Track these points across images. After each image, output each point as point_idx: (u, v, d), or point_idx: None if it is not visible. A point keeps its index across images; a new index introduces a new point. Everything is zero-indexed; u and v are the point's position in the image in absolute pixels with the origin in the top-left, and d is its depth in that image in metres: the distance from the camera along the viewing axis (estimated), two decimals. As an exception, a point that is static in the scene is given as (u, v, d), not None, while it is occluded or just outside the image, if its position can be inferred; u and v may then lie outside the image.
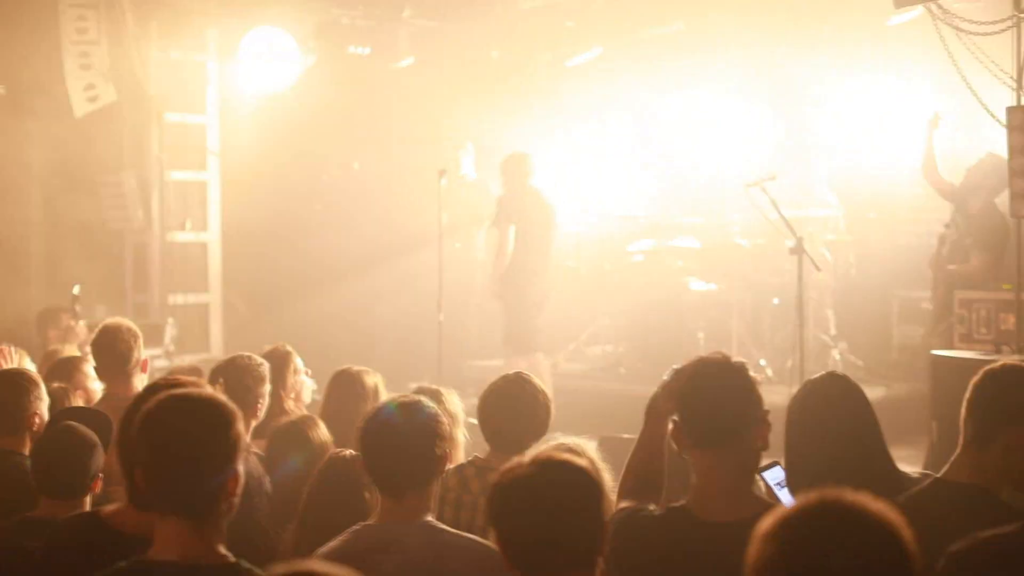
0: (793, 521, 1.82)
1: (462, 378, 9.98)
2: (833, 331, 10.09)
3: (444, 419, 3.31)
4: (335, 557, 3.08)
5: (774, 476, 3.67)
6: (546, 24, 11.17)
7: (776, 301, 10.18)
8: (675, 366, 3.24)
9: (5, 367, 5.29)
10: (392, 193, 11.97)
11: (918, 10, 7.65)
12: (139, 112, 10.81)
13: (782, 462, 3.69)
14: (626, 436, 6.69)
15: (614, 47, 11.09)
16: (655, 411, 3.28)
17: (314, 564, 1.73)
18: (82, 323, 8.51)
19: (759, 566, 1.81)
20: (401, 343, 10.91)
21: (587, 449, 3.42)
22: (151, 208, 11.03)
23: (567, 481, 2.50)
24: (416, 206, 11.05)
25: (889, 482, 3.46)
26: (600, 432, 7.70)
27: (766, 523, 1.84)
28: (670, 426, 3.13)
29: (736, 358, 3.15)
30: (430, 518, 3.23)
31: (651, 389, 3.35)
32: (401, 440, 3.21)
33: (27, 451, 4.31)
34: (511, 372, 4.52)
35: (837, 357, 9.70)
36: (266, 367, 4.92)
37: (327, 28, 11.15)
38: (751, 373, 3.08)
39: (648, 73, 10.98)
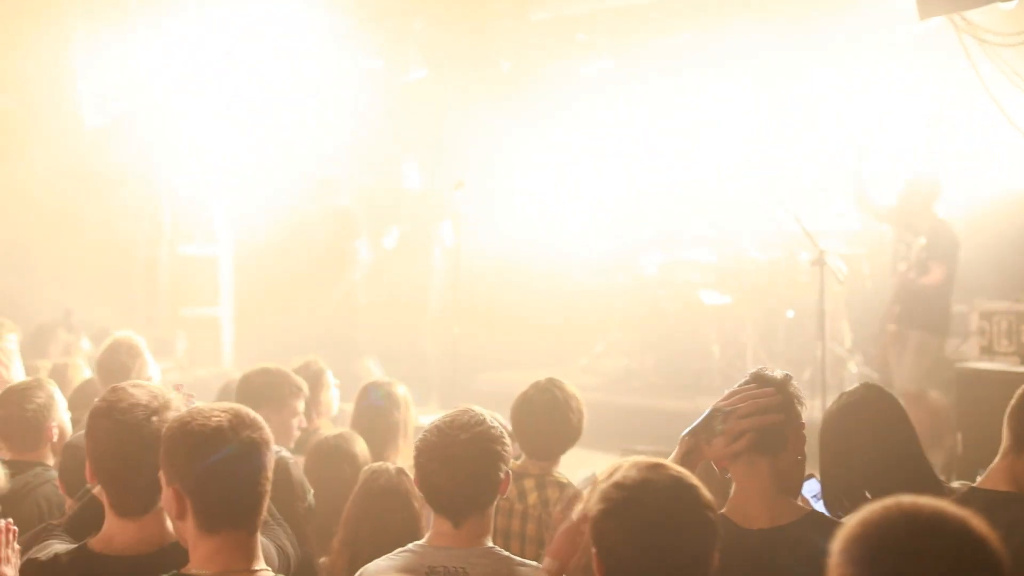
0: (879, 535, 1.73)
1: (472, 391, 9.94)
2: (848, 343, 10.03)
3: (507, 439, 3.12)
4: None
5: (809, 488, 3.62)
6: (557, 36, 11.16)
7: (790, 314, 10.13)
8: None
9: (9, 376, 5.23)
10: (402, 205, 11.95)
11: (933, 23, 7.63)
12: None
13: (816, 475, 3.64)
14: (642, 448, 6.65)
15: (624, 59, 11.07)
16: (694, 453, 3.02)
17: None
18: (84, 337, 8.47)
19: None
20: (413, 356, 10.85)
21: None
22: (161, 221, 11.01)
23: (692, 521, 2.34)
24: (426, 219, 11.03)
25: (932, 493, 3.41)
26: (616, 446, 7.67)
27: (847, 539, 1.73)
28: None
29: (782, 372, 3.13)
30: (490, 543, 3.07)
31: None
32: (464, 463, 3.01)
33: (50, 462, 4.30)
34: (542, 379, 4.44)
35: (853, 369, 9.63)
36: (301, 385, 4.82)
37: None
38: (793, 389, 3.08)
39: (658, 84, 10.97)
